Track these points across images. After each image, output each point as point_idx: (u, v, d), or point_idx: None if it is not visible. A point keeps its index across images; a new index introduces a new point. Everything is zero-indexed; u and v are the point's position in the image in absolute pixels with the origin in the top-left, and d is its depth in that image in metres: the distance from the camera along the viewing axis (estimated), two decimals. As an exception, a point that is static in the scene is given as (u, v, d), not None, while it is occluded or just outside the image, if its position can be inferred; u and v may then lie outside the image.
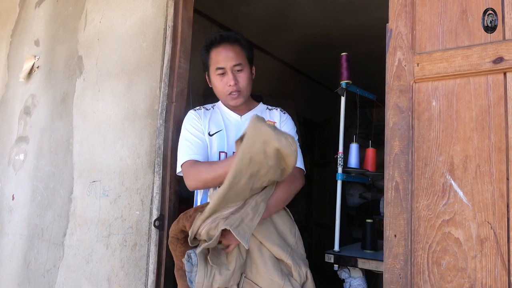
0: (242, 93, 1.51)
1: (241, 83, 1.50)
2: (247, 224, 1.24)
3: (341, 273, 1.83)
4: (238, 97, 1.51)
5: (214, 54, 1.52)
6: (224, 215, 1.26)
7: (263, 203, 1.31)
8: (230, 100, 1.52)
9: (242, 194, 1.26)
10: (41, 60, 2.37)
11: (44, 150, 2.20)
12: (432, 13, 1.12)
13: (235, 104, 1.53)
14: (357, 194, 4.33)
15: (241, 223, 1.23)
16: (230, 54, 1.49)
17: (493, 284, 0.96)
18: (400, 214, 1.09)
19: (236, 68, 1.49)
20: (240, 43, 1.52)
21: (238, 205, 1.28)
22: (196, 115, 1.57)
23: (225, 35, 1.53)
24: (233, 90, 1.49)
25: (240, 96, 1.51)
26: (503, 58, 1.00)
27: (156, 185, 1.66)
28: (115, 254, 1.76)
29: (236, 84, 1.48)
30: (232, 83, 1.47)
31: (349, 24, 3.33)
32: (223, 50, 1.50)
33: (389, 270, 1.09)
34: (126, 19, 1.95)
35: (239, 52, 1.51)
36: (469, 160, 1.02)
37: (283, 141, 1.19)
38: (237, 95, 1.50)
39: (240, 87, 1.50)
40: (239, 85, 1.50)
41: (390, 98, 1.14)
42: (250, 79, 1.55)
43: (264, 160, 1.20)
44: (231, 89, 1.49)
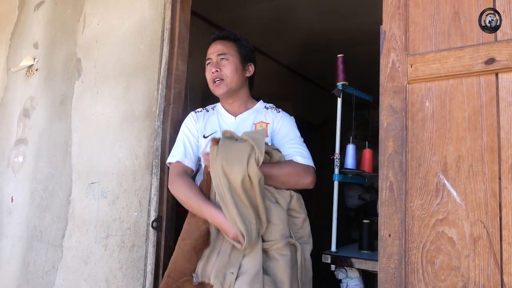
0: (225, 82, 1.54)
1: (224, 71, 1.54)
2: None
3: (338, 274, 1.83)
4: (221, 84, 1.54)
5: (207, 51, 1.61)
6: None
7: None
8: (214, 88, 1.57)
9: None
10: (40, 63, 2.38)
11: (43, 152, 2.21)
12: (425, 15, 1.13)
13: (219, 92, 1.56)
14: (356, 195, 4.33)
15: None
16: (218, 47, 1.57)
17: (486, 282, 0.97)
18: (394, 214, 1.10)
19: (220, 57, 1.55)
20: (231, 39, 1.59)
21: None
22: (194, 117, 1.61)
23: (218, 34, 1.62)
24: (216, 77, 1.54)
25: (223, 84, 1.54)
26: (495, 59, 1.01)
27: (154, 187, 1.67)
28: (113, 255, 1.77)
29: (218, 71, 1.53)
30: (214, 69, 1.53)
31: (346, 27, 3.35)
32: (213, 44, 1.60)
33: (384, 270, 1.10)
34: (124, 22, 1.96)
35: (229, 46, 1.57)
36: (462, 160, 1.03)
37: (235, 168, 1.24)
38: (219, 83, 1.54)
39: (223, 74, 1.54)
40: (221, 73, 1.53)
41: (384, 99, 1.15)
42: (238, 71, 1.56)
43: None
44: (214, 76, 1.54)
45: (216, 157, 1.27)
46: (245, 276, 1.21)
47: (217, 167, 1.26)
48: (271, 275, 1.27)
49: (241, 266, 1.24)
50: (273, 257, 1.29)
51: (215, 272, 1.22)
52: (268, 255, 1.30)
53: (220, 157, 1.26)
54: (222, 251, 1.27)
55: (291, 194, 1.41)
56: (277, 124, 1.55)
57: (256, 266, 1.24)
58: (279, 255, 1.29)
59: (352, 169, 1.99)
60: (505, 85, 1.00)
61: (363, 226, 1.98)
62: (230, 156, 1.26)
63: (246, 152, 1.26)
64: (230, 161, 1.25)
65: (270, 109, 1.62)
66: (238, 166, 1.24)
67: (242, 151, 1.26)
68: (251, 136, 1.31)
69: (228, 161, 1.25)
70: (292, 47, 3.90)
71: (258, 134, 1.33)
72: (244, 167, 1.23)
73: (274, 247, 1.29)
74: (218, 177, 1.26)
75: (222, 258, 1.25)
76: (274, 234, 1.31)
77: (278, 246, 1.30)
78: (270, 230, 1.31)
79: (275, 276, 1.27)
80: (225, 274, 1.22)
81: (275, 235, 1.31)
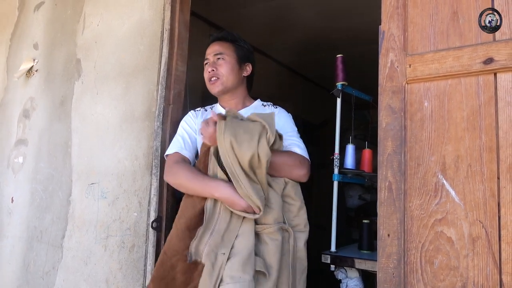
0: (221, 80, 1.57)
1: (219, 70, 1.57)
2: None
3: (338, 274, 1.84)
4: (216, 83, 1.57)
5: (206, 51, 1.63)
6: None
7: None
8: (210, 87, 1.59)
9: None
10: (40, 63, 2.38)
11: (43, 153, 2.21)
12: (423, 15, 1.13)
13: (214, 91, 1.59)
14: (357, 195, 4.33)
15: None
16: (215, 47, 1.60)
17: (485, 282, 0.97)
18: (393, 214, 1.10)
19: (216, 57, 1.58)
20: (228, 40, 1.62)
21: None
22: (193, 115, 1.64)
23: (217, 34, 1.64)
24: (211, 76, 1.57)
25: (219, 83, 1.57)
26: (493, 58, 1.01)
27: (153, 187, 1.67)
28: (113, 255, 1.77)
29: (213, 70, 1.56)
30: (210, 69, 1.57)
31: (346, 27, 3.35)
32: (211, 45, 1.62)
33: (383, 270, 1.10)
34: (124, 22, 1.97)
35: (226, 46, 1.60)
36: (461, 160, 1.03)
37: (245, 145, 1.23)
38: (215, 81, 1.57)
39: (218, 73, 1.56)
40: (217, 72, 1.56)
41: (383, 99, 1.15)
42: (234, 70, 1.58)
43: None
44: (210, 75, 1.57)
45: (223, 133, 1.25)
46: (238, 257, 1.21)
47: (225, 143, 1.24)
48: (261, 258, 1.27)
49: (233, 247, 1.23)
50: (263, 241, 1.28)
51: (207, 251, 1.22)
52: (259, 239, 1.29)
53: (229, 133, 1.24)
54: (215, 230, 1.26)
55: (285, 181, 1.39)
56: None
57: (249, 247, 1.23)
58: (270, 240, 1.28)
59: (352, 169, 1.99)
60: (504, 85, 1.00)
61: (362, 226, 1.98)
62: (240, 133, 1.25)
63: (257, 131, 1.25)
64: (239, 138, 1.24)
65: (267, 106, 1.64)
66: (247, 143, 1.22)
67: (253, 130, 1.25)
68: (262, 117, 1.31)
69: (237, 138, 1.23)
70: (292, 47, 3.90)
71: (269, 117, 1.33)
72: (255, 146, 1.22)
73: (266, 231, 1.28)
74: (227, 153, 1.24)
75: (215, 238, 1.24)
76: (267, 218, 1.30)
77: (270, 230, 1.28)
78: (263, 213, 1.28)
79: (264, 259, 1.26)
80: (217, 254, 1.22)
81: (268, 219, 1.30)
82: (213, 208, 1.30)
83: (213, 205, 1.30)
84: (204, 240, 1.25)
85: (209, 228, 1.27)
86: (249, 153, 1.22)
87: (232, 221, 1.28)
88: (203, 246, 1.24)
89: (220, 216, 1.28)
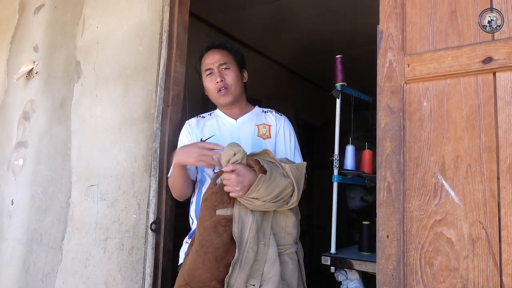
0: (230, 90, 1.56)
1: (228, 79, 1.55)
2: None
3: (338, 275, 1.82)
4: (226, 93, 1.55)
5: (203, 60, 1.61)
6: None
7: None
8: (219, 98, 1.56)
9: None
10: (40, 66, 2.39)
11: (43, 155, 2.21)
12: (422, 14, 1.13)
13: (225, 101, 1.56)
14: (358, 197, 4.31)
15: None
16: (217, 56, 1.57)
17: (485, 284, 0.96)
18: (392, 215, 1.09)
19: (222, 67, 1.56)
20: (227, 47, 1.60)
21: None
22: (189, 127, 1.62)
23: (213, 42, 1.62)
24: (221, 86, 1.55)
25: (228, 93, 1.55)
26: (492, 58, 1.00)
27: (152, 189, 1.67)
28: (112, 257, 1.76)
29: (222, 81, 1.54)
30: (219, 79, 1.54)
31: (345, 28, 3.34)
32: (210, 54, 1.59)
33: (382, 271, 1.09)
34: (123, 24, 1.97)
35: (225, 54, 1.59)
36: (460, 160, 1.02)
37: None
38: (225, 92, 1.55)
39: (227, 83, 1.55)
40: (226, 82, 1.55)
41: (382, 99, 1.15)
42: (239, 78, 1.59)
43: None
44: (219, 86, 1.55)
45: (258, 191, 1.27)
46: (270, 284, 1.26)
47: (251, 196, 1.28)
48: (284, 279, 1.33)
49: (263, 274, 1.27)
50: (284, 261, 1.35)
51: (239, 285, 1.23)
52: (280, 259, 1.34)
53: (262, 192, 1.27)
54: (245, 261, 1.25)
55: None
56: (280, 128, 1.57)
57: (278, 273, 1.29)
58: (290, 260, 1.37)
59: (352, 170, 1.98)
60: (503, 84, 0.99)
61: (362, 227, 1.97)
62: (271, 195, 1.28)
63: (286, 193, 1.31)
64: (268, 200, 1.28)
65: (270, 113, 1.63)
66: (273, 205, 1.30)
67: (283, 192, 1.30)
68: (295, 175, 1.33)
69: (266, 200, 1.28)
70: (291, 48, 3.90)
71: (301, 174, 1.36)
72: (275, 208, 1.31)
73: (287, 251, 1.37)
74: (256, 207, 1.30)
75: (245, 270, 1.25)
76: (288, 240, 1.38)
77: (292, 250, 1.38)
78: (283, 236, 1.37)
79: (287, 280, 1.34)
80: (246, 287, 1.24)
81: (289, 240, 1.38)
82: (241, 237, 1.28)
83: (240, 233, 1.29)
84: (235, 272, 1.24)
85: (238, 258, 1.25)
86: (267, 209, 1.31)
87: (259, 251, 1.30)
88: (234, 279, 1.23)
89: (248, 245, 1.28)
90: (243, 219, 1.28)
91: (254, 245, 1.28)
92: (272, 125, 1.57)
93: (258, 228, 1.30)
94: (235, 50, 1.63)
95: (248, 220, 1.29)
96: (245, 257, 1.26)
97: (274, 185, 1.28)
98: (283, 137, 1.56)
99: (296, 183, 1.32)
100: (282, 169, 1.33)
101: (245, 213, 1.30)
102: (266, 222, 1.33)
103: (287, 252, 1.36)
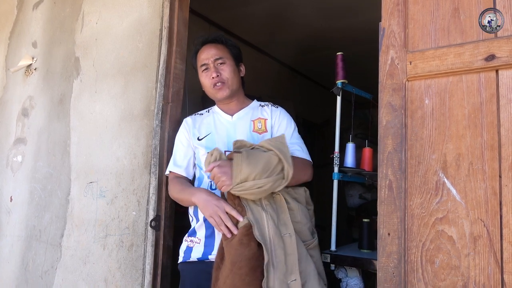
0: (227, 84, 1.54)
1: (224, 74, 1.54)
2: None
3: (338, 273, 1.82)
4: (223, 88, 1.54)
5: (199, 56, 1.60)
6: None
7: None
8: (216, 93, 1.55)
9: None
10: (38, 62, 2.37)
11: (42, 152, 2.20)
12: (424, 11, 1.12)
13: (222, 95, 1.55)
14: (357, 194, 4.31)
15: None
16: (212, 51, 1.56)
17: (486, 282, 0.96)
18: (393, 213, 1.09)
19: (218, 62, 1.55)
20: (222, 41, 1.59)
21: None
22: (185, 125, 1.61)
23: (207, 37, 1.61)
24: (217, 81, 1.53)
25: (225, 87, 1.54)
26: (495, 55, 1.00)
27: (152, 186, 1.66)
28: (111, 254, 1.76)
29: (218, 76, 1.53)
30: (215, 74, 1.53)
31: (346, 26, 3.33)
32: (205, 49, 1.58)
33: (383, 269, 1.09)
34: (123, 20, 1.95)
35: (221, 48, 1.58)
36: (462, 158, 1.02)
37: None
38: (221, 86, 1.54)
39: (223, 78, 1.54)
40: (222, 76, 1.54)
41: (383, 97, 1.14)
42: (235, 73, 1.58)
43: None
44: (215, 81, 1.54)
45: (241, 170, 1.26)
46: (312, 279, 1.30)
47: (243, 182, 1.26)
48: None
49: (301, 273, 1.27)
50: (310, 255, 1.37)
51: (278, 285, 1.21)
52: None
53: (246, 170, 1.26)
54: (276, 261, 1.24)
55: (305, 189, 1.46)
56: (275, 120, 1.55)
57: (314, 267, 1.33)
58: (314, 251, 1.40)
59: (352, 167, 1.98)
60: (506, 82, 0.99)
61: (363, 225, 1.97)
62: (258, 169, 1.26)
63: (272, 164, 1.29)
64: (258, 176, 1.26)
65: (266, 106, 1.61)
66: (269, 180, 1.27)
67: (269, 164, 1.28)
68: (275, 145, 1.32)
69: (256, 177, 1.26)
70: (292, 46, 3.89)
71: (281, 144, 1.34)
72: (273, 183, 1.29)
73: (311, 246, 1.39)
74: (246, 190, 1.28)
75: (280, 269, 1.23)
76: (306, 235, 1.38)
77: (314, 245, 1.40)
78: (302, 231, 1.37)
79: (318, 269, 1.37)
80: (288, 285, 1.23)
81: (307, 235, 1.39)
82: (263, 237, 1.26)
83: (262, 234, 1.27)
84: (270, 275, 1.22)
85: (270, 262, 1.23)
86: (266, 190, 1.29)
87: (286, 244, 1.28)
88: (271, 282, 1.22)
89: (273, 243, 1.26)
90: (258, 220, 1.27)
91: (279, 241, 1.26)
92: (268, 119, 1.55)
93: (277, 223, 1.29)
94: (231, 44, 1.61)
95: (263, 219, 1.28)
96: (275, 256, 1.24)
97: (256, 160, 1.27)
98: (279, 128, 1.53)
99: (279, 151, 1.29)
100: (260, 147, 1.34)
101: (258, 213, 1.29)
102: (283, 214, 1.32)
103: (310, 247, 1.38)
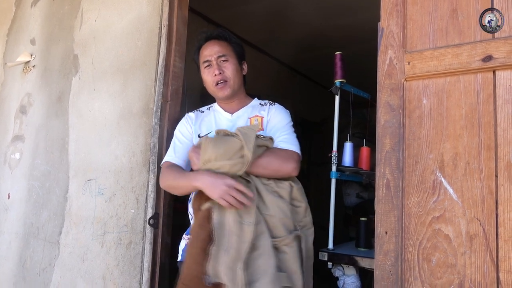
0: (229, 83, 1.53)
1: (227, 72, 1.52)
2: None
3: (335, 271, 1.84)
4: (225, 86, 1.52)
5: (202, 52, 1.57)
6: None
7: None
8: (218, 91, 1.54)
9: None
10: (37, 59, 2.37)
11: (40, 149, 2.20)
12: (423, 12, 1.13)
13: (223, 94, 1.53)
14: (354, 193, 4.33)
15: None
16: (215, 48, 1.54)
17: (482, 280, 0.97)
18: (391, 211, 1.10)
19: (221, 59, 1.53)
20: (226, 38, 1.57)
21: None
22: (188, 119, 1.60)
23: (211, 33, 1.58)
24: (219, 79, 1.52)
25: (227, 86, 1.52)
26: (492, 56, 1.01)
27: (150, 184, 1.66)
28: (110, 252, 1.77)
29: (221, 73, 1.51)
30: (217, 72, 1.51)
31: (346, 24, 3.34)
32: (209, 45, 1.56)
33: (380, 267, 1.10)
34: (122, 18, 1.95)
35: (225, 46, 1.55)
36: (459, 158, 1.03)
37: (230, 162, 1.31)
38: (223, 85, 1.52)
39: (226, 76, 1.52)
40: (225, 74, 1.52)
41: (382, 96, 1.15)
42: (238, 71, 1.56)
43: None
44: (217, 79, 1.52)
45: (205, 152, 1.32)
46: (266, 277, 1.23)
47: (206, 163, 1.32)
48: (283, 267, 1.29)
49: (259, 267, 1.24)
50: (282, 251, 1.31)
51: (225, 269, 1.21)
52: (277, 249, 1.31)
53: (210, 152, 1.32)
54: (229, 246, 1.24)
55: (291, 184, 1.40)
56: (270, 118, 1.53)
57: (274, 265, 1.25)
58: (288, 248, 1.31)
59: (350, 166, 1.99)
60: (502, 83, 1.00)
61: (360, 224, 1.98)
62: (219, 152, 1.31)
63: (235, 148, 1.31)
64: (218, 158, 1.31)
65: (265, 105, 1.59)
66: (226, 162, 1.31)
67: (231, 148, 1.31)
68: (242, 132, 1.33)
69: (216, 158, 1.31)
70: (291, 45, 3.89)
71: (249, 130, 1.34)
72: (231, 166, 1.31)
73: (282, 242, 1.31)
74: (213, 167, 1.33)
75: (231, 254, 1.23)
76: (280, 230, 1.32)
77: (287, 241, 1.31)
78: (276, 226, 1.31)
79: (287, 268, 1.29)
80: (235, 271, 1.21)
81: (281, 231, 1.32)
82: (220, 223, 1.27)
83: (219, 220, 1.27)
84: (220, 259, 1.22)
85: (222, 246, 1.24)
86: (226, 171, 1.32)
87: (243, 232, 1.26)
88: (220, 265, 1.21)
89: (229, 230, 1.26)
90: (222, 206, 1.28)
91: (237, 228, 1.25)
92: (264, 116, 1.54)
93: (240, 211, 1.27)
94: (235, 42, 1.59)
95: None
96: (229, 242, 1.23)
97: (220, 143, 1.32)
98: (272, 121, 1.52)
99: (244, 136, 1.30)
100: (234, 134, 1.36)
101: None
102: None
103: (282, 243, 1.31)
